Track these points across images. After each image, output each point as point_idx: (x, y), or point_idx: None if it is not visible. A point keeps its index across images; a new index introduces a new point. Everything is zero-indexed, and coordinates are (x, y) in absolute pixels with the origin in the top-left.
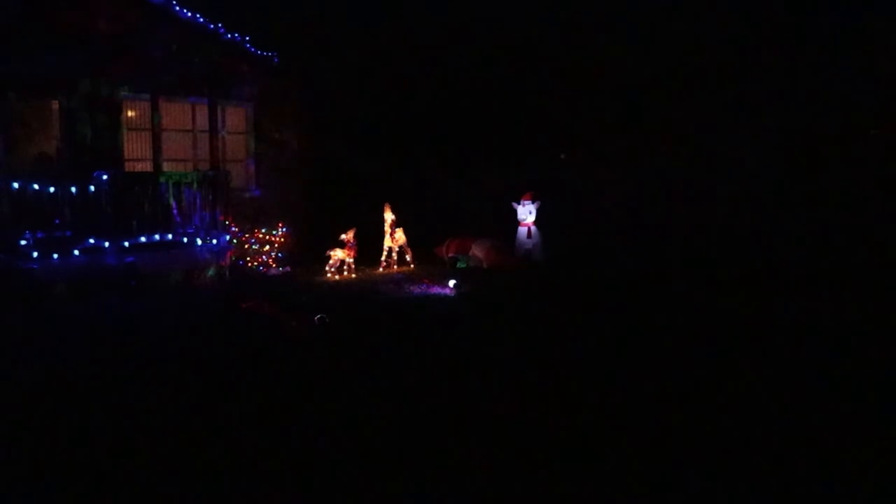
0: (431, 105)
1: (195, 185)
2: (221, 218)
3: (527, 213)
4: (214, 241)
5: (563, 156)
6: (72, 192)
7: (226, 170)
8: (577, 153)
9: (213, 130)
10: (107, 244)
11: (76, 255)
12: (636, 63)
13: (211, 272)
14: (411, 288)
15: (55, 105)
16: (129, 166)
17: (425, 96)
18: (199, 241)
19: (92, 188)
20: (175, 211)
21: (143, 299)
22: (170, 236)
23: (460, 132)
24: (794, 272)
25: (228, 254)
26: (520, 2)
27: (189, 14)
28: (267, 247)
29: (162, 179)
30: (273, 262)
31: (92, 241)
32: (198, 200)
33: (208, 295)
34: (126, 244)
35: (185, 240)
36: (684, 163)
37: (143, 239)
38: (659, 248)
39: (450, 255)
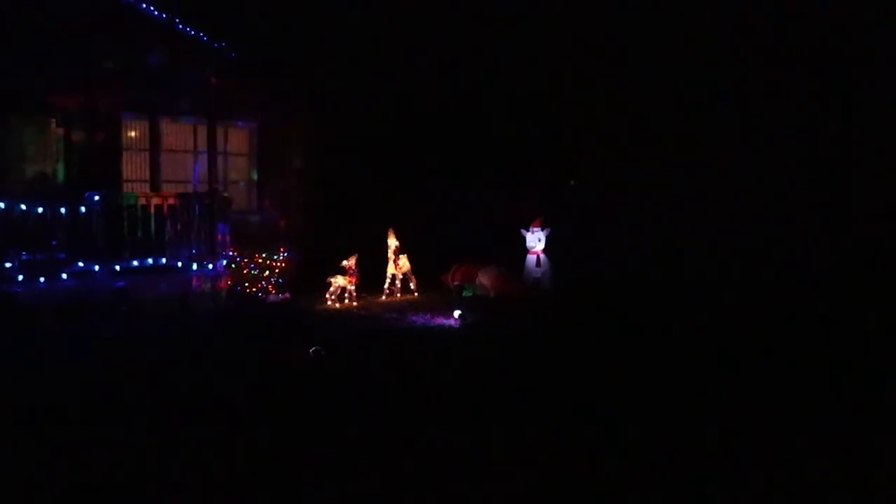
0: (440, 129)
1: (191, 208)
2: (218, 241)
3: (536, 240)
4: (210, 266)
5: (572, 182)
6: (62, 214)
7: (223, 192)
8: (588, 178)
9: (211, 151)
10: (97, 268)
11: (64, 279)
12: (648, 83)
13: (206, 298)
14: (414, 318)
15: (53, 123)
16: (127, 187)
17: (434, 119)
18: (195, 266)
19: (83, 209)
20: (169, 234)
21: (132, 326)
22: (163, 260)
23: (469, 156)
24: (824, 302)
25: (225, 279)
26: (529, 23)
27: (192, 32)
28: (267, 272)
29: (156, 201)
30: (273, 288)
31: (81, 264)
32: (194, 223)
33: (202, 322)
34: (117, 268)
35: (180, 264)
36: (700, 185)
37: (135, 263)
38: (674, 274)
39: (455, 283)
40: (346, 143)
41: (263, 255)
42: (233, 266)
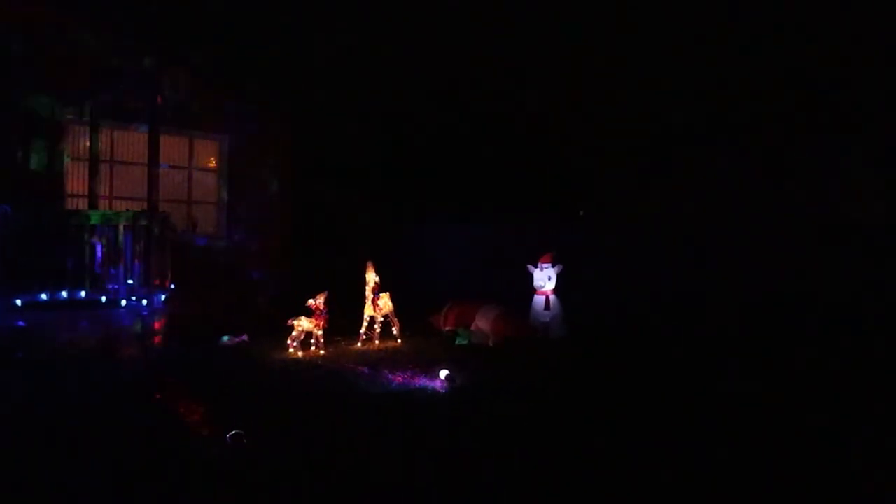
0: (436, 151)
1: (123, 230)
2: (156, 271)
3: (545, 278)
4: (144, 302)
5: (581, 212)
6: None
7: (164, 212)
8: (602, 207)
9: (153, 161)
10: None
11: None
12: (670, 103)
13: (137, 343)
14: (391, 375)
15: None
16: (70, 203)
17: (429, 141)
18: (124, 302)
19: None
20: (97, 262)
21: (23, 381)
22: (83, 294)
23: (469, 182)
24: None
25: (164, 318)
26: (531, 38)
27: (152, 28)
28: (226, 307)
29: (75, 221)
30: (230, 326)
31: None
32: (127, 250)
33: (120, 376)
34: (18, 302)
35: (104, 299)
36: (730, 217)
37: (43, 297)
38: (707, 320)
39: (448, 328)
40: (331, 164)
41: (227, 287)
42: (181, 300)
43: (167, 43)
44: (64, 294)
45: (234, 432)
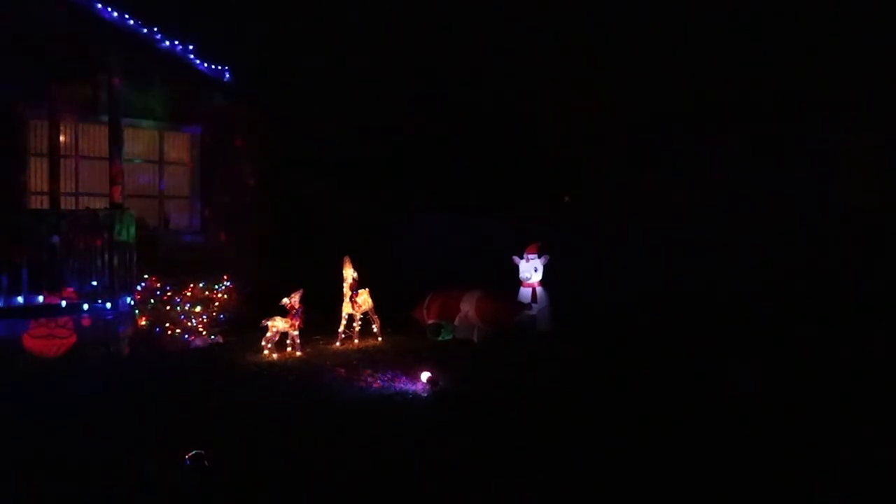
0: (416, 139)
1: (84, 229)
2: (120, 272)
3: (531, 269)
4: (108, 305)
5: (567, 198)
6: None
7: (128, 209)
8: (587, 194)
9: (114, 154)
10: None
11: None
12: (657, 93)
13: (101, 348)
14: (369, 379)
15: None
16: (34, 201)
17: (410, 130)
18: (86, 306)
19: None
20: (56, 263)
21: None
22: (40, 299)
23: (451, 171)
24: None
25: (131, 321)
26: (516, 27)
27: (116, 14)
28: (199, 307)
29: (28, 220)
30: (203, 327)
31: None
32: (89, 250)
33: (79, 386)
34: None
35: (64, 303)
36: (720, 206)
37: None
38: (704, 314)
39: (431, 321)
40: (309, 156)
41: (201, 286)
42: (152, 301)
43: (132, 29)
44: (19, 299)
45: (194, 453)
